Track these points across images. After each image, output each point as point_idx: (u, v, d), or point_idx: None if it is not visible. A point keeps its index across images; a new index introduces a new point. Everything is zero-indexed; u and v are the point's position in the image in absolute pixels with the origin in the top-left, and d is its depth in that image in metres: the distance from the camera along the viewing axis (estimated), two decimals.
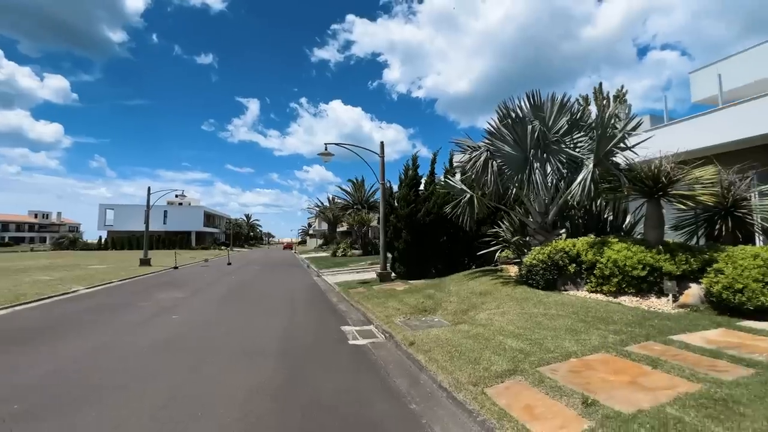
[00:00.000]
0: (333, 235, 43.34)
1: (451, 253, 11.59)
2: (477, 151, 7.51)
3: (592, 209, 7.64)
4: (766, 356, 3.20)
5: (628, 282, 5.47)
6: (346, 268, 16.94)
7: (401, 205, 11.86)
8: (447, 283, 8.63)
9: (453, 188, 8.97)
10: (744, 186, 5.74)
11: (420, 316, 6.27)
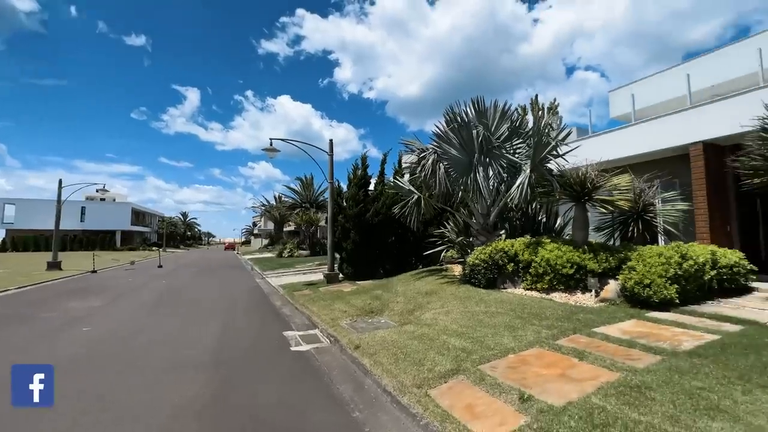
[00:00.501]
0: (279, 235, 41.69)
1: (399, 253, 11.70)
2: (425, 153, 7.64)
3: (528, 212, 8.20)
4: (668, 344, 3.62)
5: (558, 279, 5.92)
6: (292, 270, 16.32)
7: (350, 205, 11.70)
8: (394, 283, 8.67)
9: (401, 189, 9.04)
10: (651, 193, 6.56)
11: (367, 317, 6.18)
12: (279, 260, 23.11)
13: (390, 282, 9.04)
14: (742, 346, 3.42)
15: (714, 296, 5.72)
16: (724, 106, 7.16)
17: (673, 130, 7.94)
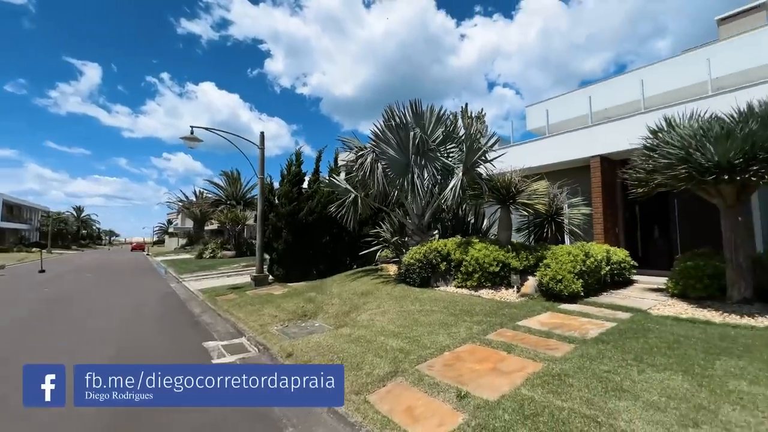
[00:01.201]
0: (200, 235, 37.94)
1: (333, 253, 11.44)
2: (364, 152, 7.56)
3: (458, 213, 8.66)
4: (578, 333, 4.06)
5: (486, 277, 6.31)
6: (215, 272, 14.90)
7: (282, 203, 11.08)
8: (329, 284, 8.41)
9: (338, 187, 8.83)
10: (562, 198, 7.41)
11: (300, 321, 5.86)
12: (199, 262, 20.96)
13: (324, 283, 8.76)
14: (633, 331, 3.99)
15: (608, 288, 6.65)
16: (616, 126, 8.42)
17: (578, 144, 9.09)
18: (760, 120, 4.46)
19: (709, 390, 2.56)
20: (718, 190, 5.21)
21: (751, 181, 4.66)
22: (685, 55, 11.48)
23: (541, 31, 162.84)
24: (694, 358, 3.15)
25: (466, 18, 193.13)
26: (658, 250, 9.76)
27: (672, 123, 5.41)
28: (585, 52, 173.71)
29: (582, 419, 2.27)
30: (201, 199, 39.23)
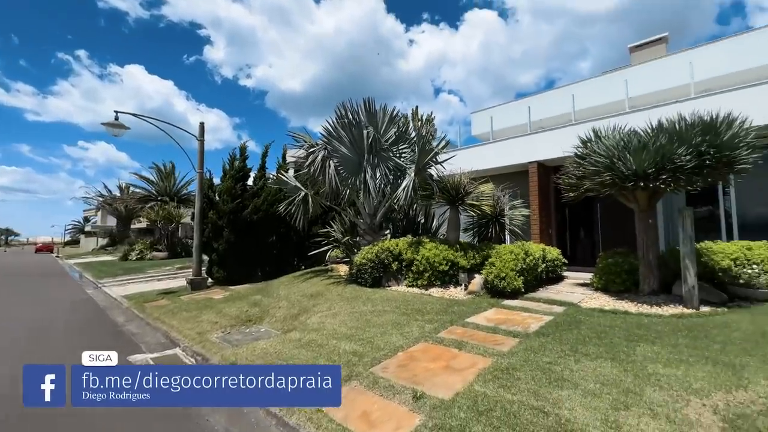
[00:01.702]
0: (125, 234, 34.00)
1: (281, 253, 10.93)
2: (315, 149, 7.31)
3: (409, 213, 8.78)
4: (521, 327, 4.31)
5: (436, 276, 6.46)
6: (143, 275, 13.41)
7: (224, 200, 10.30)
8: (276, 286, 8.00)
9: (287, 185, 8.44)
10: (505, 200, 7.89)
11: (244, 327, 5.47)
12: (124, 264, 18.72)
13: (270, 285, 8.31)
14: (568, 324, 4.34)
15: (543, 284, 7.21)
16: (551, 136, 9.20)
17: (518, 150, 9.76)
18: (668, 135, 5.13)
19: (633, 374, 2.85)
20: (634, 195, 5.91)
21: (660, 189, 5.35)
22: (607, 76, 12.96)
23: (482, 44, 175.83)
24: (618, 345, 3.51)
25: (414, 24, 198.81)
26: (584, 249, 10.87)
27: (599, 134, 6.02)
28: (520, 67, 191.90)
29: (531, 411, 2.38)
30: (127, 195, 35.15)
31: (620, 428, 2.16)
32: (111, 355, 2.64)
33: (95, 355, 2.64)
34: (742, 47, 10.29)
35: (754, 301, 5.32)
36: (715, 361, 3.05)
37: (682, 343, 3.53)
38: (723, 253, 6.02)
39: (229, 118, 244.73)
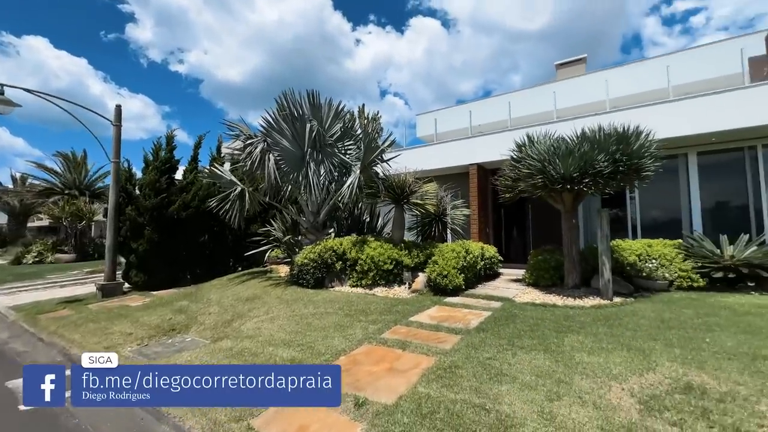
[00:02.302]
0: (20, 233, 28.80)
1: (213, 254, 10.04)
2: (254, 141, 6.78)
3: (354, 212, 8.62)
4: (462, 324, 4.40)
5: (380, 275, 6.39)
6: (41, 282, 11.38)
7: (146, 194, 9.15)
8: (206, 290, 7.29)
9: (221, 179, 7.74)
10: (447, 200, 8.11)
11: (166, 338, 4.84)
12: (16, 269, 15.74)
13: (201, 289, 7.56)
14: (505, 318, 4.53)
15: (481, 281, 7.55)
16: (490, 140, 9.70)
17: (460, 152, 10.14)
18: (590, 143, 5.65)
19: (563, 364, 3.02)
20: (561, 197, 6.43)
21: (583, 191, 5.88)
22: (537, 88, 14.12)
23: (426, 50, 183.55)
24: (549, 337, 3.73)
25: (361, 24, 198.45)
26: (517, 246, 11.69)
27: (533, 140, 6.44)
28: (461, 76, 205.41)
29: (473, 409, 2.37)
30: (23, 187, 29.81)
31: (555, 419, 2.23)
32: (111, 356, 2.58)
33: (95, 357, 2.56)
34: (643, 71, 11.92)
35: (654, 292, 6.10)
36: (628, 347, 3.37)
37: (601, 332, 3.87)
38: (630, 250, 6.83)
39: (157, 106, 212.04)
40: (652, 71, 11.51)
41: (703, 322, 4.21)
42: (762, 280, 5.97)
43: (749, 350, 3.26)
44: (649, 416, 2.23)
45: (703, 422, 2.15)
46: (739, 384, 2.62)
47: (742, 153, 7.59)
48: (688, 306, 4.99)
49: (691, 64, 11.11)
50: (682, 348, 3.34)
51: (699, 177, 7.88)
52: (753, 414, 2.22)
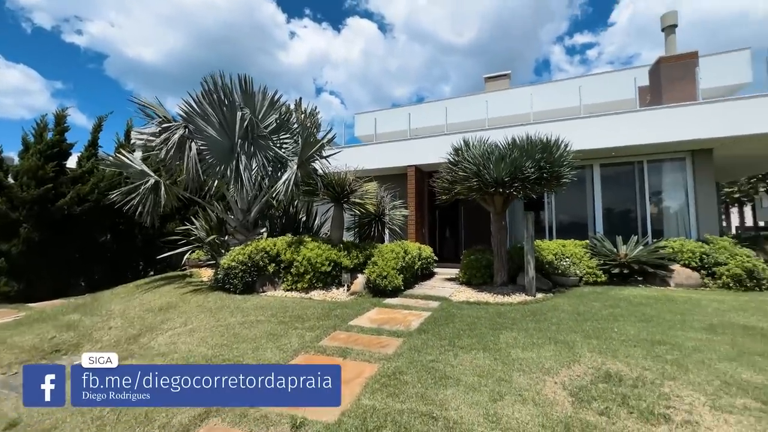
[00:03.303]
0: None
1: (118, 257, 8.61)
2: (172, 126, 5.89)
3: (289, 210, 8.10)
4: (403, 326, 4.33)
5: (317, 277, 6.06)
6: None
7: (25, 184, 7.46)
8: (107, 300, 6.17)
9: (129, 168, 6.61)
10: (387, 200, 8.08)
11: (46, 362, 3.90)
12: None
13: (99, 299, 6.37)
14: (444, 318, 4.58)
15: (418, 280, 7.66)
16: (428, 142, 9.96)
17: (399, 153, 10.24)
18: (519, 151, 6.07)
19: (502, 362, 3.10)
20: (493, 200, 6.81)
21: (513, 195, 6.29)
22: (470, 97, 15.02)
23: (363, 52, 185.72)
24: (486, 335, 3.84)
25: (296, 17, 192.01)
26: (450, 247, 12.22)
27: (469, 144, 6.71)
28: (396, 80, 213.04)
29: (421, 419, 2.26)
30: None
31: (500, 420, 2.23)
32: (111, 356, 2.55)
33: (95, 357, 2.52)
34: (559, 90, 13.43)
35: (567, 287, 6.80)
36: (555, 341, 3.62)
37: (531, 327, 4.11)
38: (548, 250, 7.53)
39: (46, 81, 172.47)
40: (567, 90, 13.02)
41: (609, 313, 4.75)
42: (648, 275, 7.06)
43: (648, 337, 3.73)
44: (581, 408, 2.36)
45: (624, 409, 2.33)
46: (646, 369, 2.94)
47: (633, 167, 8.92)
48: (596, 299, 5.63)
49: (597, 87, 12.81)
50: (598, 338, 3.69)
51: (601, 185, 9.07)
52: (661, 396, 2.49)
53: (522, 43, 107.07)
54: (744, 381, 2.71)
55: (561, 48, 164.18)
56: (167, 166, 6.59)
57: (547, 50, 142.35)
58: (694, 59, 9.63)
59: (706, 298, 5.65)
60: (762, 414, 2.26)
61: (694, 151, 8.31)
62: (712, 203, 8.29)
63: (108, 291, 6.84)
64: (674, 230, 8.53)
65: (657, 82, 10.34)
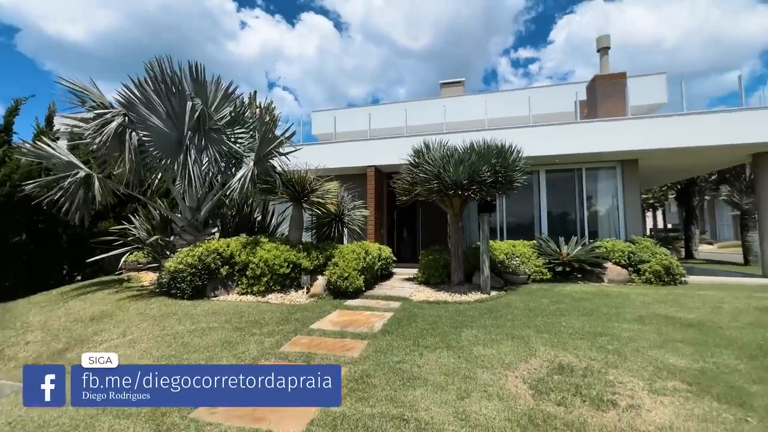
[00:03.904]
0: None
1: (36, 260, 7.51)
2: (109, 113, 5.25)
3: (244, 209, 7.65)
4: (367, 327, 4.29)
5: (275, 280, 5.79)
6: None
7: None
8: (22, 310, 5.34)
9: (53, 159, 5.78)
10: (347, 200, 7.97)
11: None
12: None
13: (11, 309, 5.49)
14: (407, 318, 4.62)
15: (378, 281, 7.67)
16: (388, 143, 10.02)
17: (359, 153, 10.17)
18: (477, 155, 6.33)
19: (465, 360, 3.19)
20: (451, 202, 7.02)
21: (470, 197, 6.54)
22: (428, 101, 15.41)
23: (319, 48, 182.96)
24: (449, 334, 3.94)
25: (247, 6, 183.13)
26: (406, 247, 12.42)
27: (430, 147, 6.86)
28: (352, 79, 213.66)
29: (393, 422, 2.24)
30: None
31: (469, 418, 2.28)
32: (111, 357, 2.50)
33: (95, 357, 2.49)
34: (510, 99, 14.28)
35: (518, 285, 7.23)
36: (512, 336, 3.82)
37: (489, 324, 4.30)
38: (500, 250, 7.96)
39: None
40: (514, 100, 13.90)
41: (556, 308, 5.13)
42: (586, 272, 7.75)
43: (591, 329, 4.08)
44: (541, 400, 2.50)
45: (578, 398, 2.52)
46: (592, 359, 3.21)
47: (573, 173, 9.75)
48: (544, 296, 6.06)
49: (541, 98, 13.80)
50: (549, 333, 3.96)
51: (547, 190, 9.79)
52: (607, 384, 2.73)
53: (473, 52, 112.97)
54: (671, 365, 3.07)
55: (507, 60, 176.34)
56: (100, 158, 5.87)
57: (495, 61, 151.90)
58: (623, 79, 10.79)
59: (633, 292, 6.34)
60: (689, 394, 2.57)
61: (623, 161, 9.29)
62: (637, 208, 9.33)
63: (24, 300, 5.92)
64: (606, 231, 9.47)
65: (593, 97, 11.42)
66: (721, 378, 2.83)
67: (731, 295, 6.01)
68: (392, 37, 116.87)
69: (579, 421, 2.24)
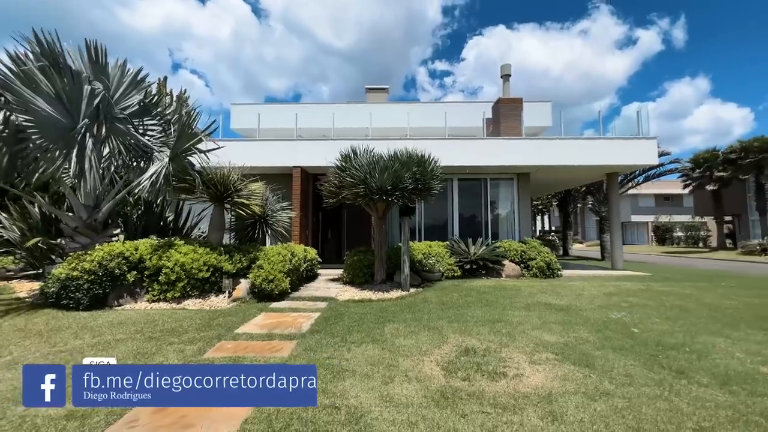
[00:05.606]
0: None
1: None
2: None
3: (154, 208, 6.91)
4: (295, 328, 4.40)
5: (193, 285, 5.45)
6: None
7: None
8: None
9: None
10: (273, 200, 7.80)
11: None
12: None
13: None
14: (334, 317, 4.85)
15: (304, 282, 7.71)
16: (315, 145, 10.04)
17: (285, 153, 9.98)
18: (400, 163, 6.86)
19: (389, 351, 3.57)
20: (376, 206, 7.46)
21: (394, 202, 7.05)
22: (353, 105, 15.76)
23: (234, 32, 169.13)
24: (374, 329, 4.29)
25: None
26: (331, 248, 12.55)
27: (357, 153, 7.17)
28: (272, 71, 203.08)
29: (325, 411, 2.46)
30: None
31: (392, 399, 2.63)
32: (110, 360, 2.58)
33: (95, 360, 2.57)
34: (428, 111, 15.46)
35: (433, 282, 8.01)
36: (428, 327, 4.35)
37: (408, 318, 4.78)
38: (418, 250, 8.69)
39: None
40: (431, 112, 15.12)
41: (464, 301, 5.91)
42: (489, 269, 8.95)
43: (490, 317, 4.86)
44: (451, 378, 2.99)
45: (479, 373, 3.08)
46: (490, 341, 3.89)
47: (480, 182, 11.10)
48: (455, 291, 6.87)
49: (454, 113, 15.25)
50: (458, 322, 4.60)
51: (458, 196, 10.95)
52: (500, 360, 3.37)
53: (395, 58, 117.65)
54: (546, 342, 3.90)
55: (426, 69, 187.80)
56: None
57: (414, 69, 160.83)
58: (520, 104, 12.65)
59: (524, 285, 7.60)
60: (556, 362, 3.34)
61: (519, 174, 10.93)
62: (528, 213, 11.07)
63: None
64: (505, 233, 11.02)
65: (497, 116, 13.13)
66: (577, 348, 3.72)
67: (590, 284, 7.66)
68: (316, 32, 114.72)
69: (479, 391, 2.77)
